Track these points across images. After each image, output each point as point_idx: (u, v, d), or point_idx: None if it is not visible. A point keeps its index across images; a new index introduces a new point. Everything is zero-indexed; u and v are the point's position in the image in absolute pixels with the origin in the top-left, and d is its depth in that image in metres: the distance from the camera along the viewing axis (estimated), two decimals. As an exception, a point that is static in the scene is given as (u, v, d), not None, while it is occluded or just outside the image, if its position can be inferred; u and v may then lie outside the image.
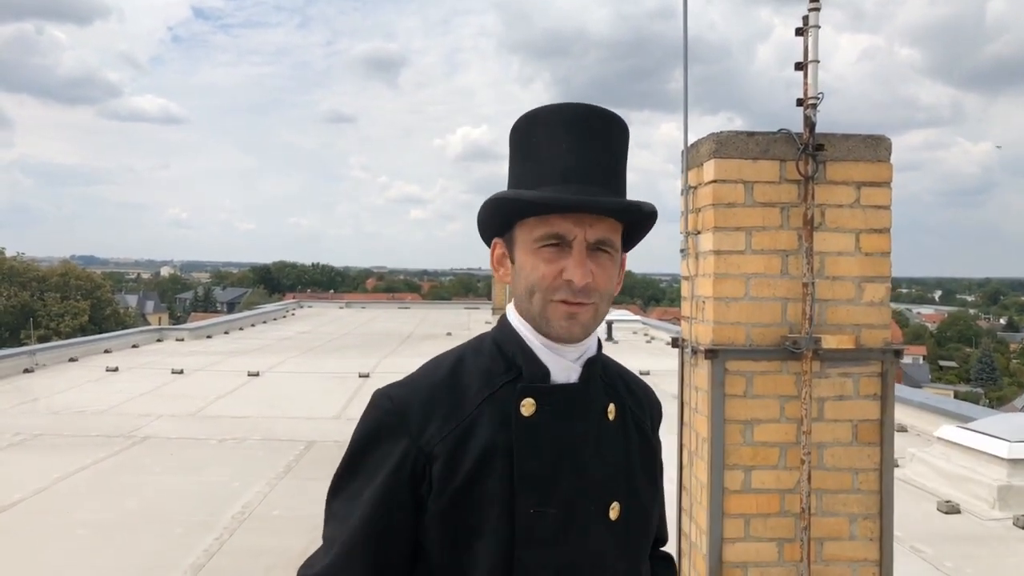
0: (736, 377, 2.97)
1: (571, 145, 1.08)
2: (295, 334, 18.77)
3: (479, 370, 1.12)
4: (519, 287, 1.11)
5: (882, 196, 3.01)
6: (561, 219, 1.06)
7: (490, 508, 1.05)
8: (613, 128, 1.11)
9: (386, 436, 1.08)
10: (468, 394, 1.09)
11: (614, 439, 1.14)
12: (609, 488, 1.12)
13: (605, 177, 1.09)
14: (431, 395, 1.09)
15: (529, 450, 1.06)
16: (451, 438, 1.06)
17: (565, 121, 1.09)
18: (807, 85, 2.97)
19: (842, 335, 2.97)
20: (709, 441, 2.97)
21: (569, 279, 1.05)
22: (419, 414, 1.07)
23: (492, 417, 1.08)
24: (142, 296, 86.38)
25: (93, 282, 51.45)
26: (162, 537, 4.96)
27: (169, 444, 7.46)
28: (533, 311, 1.09)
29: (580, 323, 1.07)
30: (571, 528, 1.07)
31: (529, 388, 1.09)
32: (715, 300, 2.97)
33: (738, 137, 2.97)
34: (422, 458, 1.06)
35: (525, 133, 1.12)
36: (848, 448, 2.99)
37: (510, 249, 1.13)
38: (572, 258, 1.06)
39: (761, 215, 2.98)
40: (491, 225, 1.15)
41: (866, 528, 2.99)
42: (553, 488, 1.07)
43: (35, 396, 9.88)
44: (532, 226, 1.07)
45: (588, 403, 1.12)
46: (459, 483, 1.05)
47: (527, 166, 1.11)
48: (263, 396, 10.06)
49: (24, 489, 5.88)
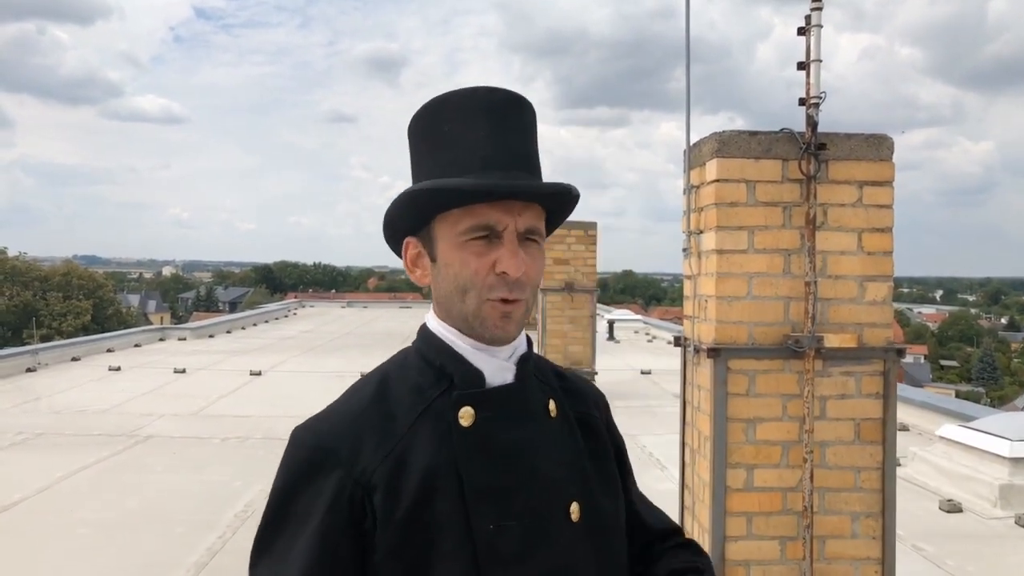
0: (739, 376, 2.97)
1: (488, 131, 1.01)
2: (297, 333, 18.79)
3: (407, 386, 1.03)
4: (445, 287, 1.02)
5: (884, 195, 3.01)
6: (489, 208, 0.98)
7: (445, 532, 0.95)
8: (525, 111, 1.05)
9: (314, 474, 0.97)
10: (399, 414, 1.00)
11: (560, 437, 1.07)
12: (566, 489, 1.03)
13: (526, 162, 1.03)
14: (358, 422, 1.00)
15: (476, 462, 0.98)
16: (388, 463, 0.96)
17: (479, 107, 1.02)
18: (809, 84, 2.98)
19: (844, 334, 2.97)
20: (712, 439, 2.98)
21: (504, 271, 0.98)
22: (348, 444, 0.97)
23: (430, 434, 0.99)
24: (144, 296, 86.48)
25: (95, 282, 51.53)
26: (164, 536, 4.97)
27: (171, 443, 7.47)
28: (466, 311, 1.01)
29: (515, 321, 1.01)
30: (537, 539, 0.99)
31: (465, 395, 1.00)
32: (718, 299, 2.98)
33: (740, 136, 2.98)
34: (359, 490, 0.95)
35: (433, 122, 1.04)
36: (850, 447, 2.99)
37: (428, 247, 1.04)
38: (504, 249, 0.99)
39: (763, 214, 2.98)
40: (402, 223, 1.05)
41: (868, 526, 2.99)
42: (510, 499, 0.98)
43: (37, 395, 9.89)
44: (456, 219, 0.99)
45: (528, 402, 1.05)
46: (405, 511, 0.95)
47: (441, 156, 1.02)
48: (265, 395, 10.08)
49: (26, 488, 5.89)
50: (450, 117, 1.03)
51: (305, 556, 0.95)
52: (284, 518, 0.98)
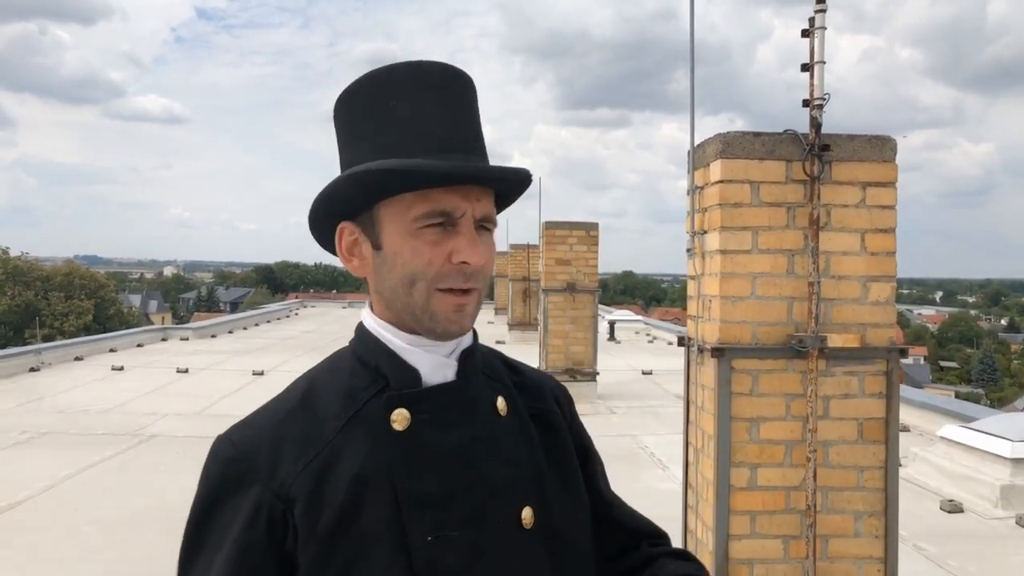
0: (742, 375, 2.99)
1: (442, 111, 0.93)
2: (299, 333, 18.82)
3: (337, 389, 0.95)
4: (391, 278, 0.94)
5: (887, 196, 3.04)
6: (446, 194, 0.90)
7: (375, 545, 0.88)
8: (470, 88, 0.97)
9: (232, 489, 0.89)
10: (325, 419, 0.92)
11: (510, 436, 0.98)
12: (516, 493, 0.95)
13: (479, 144, 0.96)
14: (280, 429, 0.92)
15: (411, 469, 0.90)
16: (308, 473, 0.89)
17: (429, 83, 0.93)
18: (813, 86, 3.00)
19: (847, 334, 3.00)
20: (715, 439, 3.00)
21: (464, 260, 0.91)
22: (266, 455, 0.90)
23: (359, 439, 0.91)
24: (145, 296, 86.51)
25: (97, 282, 51.57)
26: (170, 535, 4.95)
27: (175, 442, 7.49)
28: (413, 304, 0.92)
29: (468, 314, 0.94)
30: (481, 549, 0.91)
31: (397, 397, 0.93)
32: (721, 299, 3.00)
33: (744, 138, 3.00)
34: (279, 504, 0.88)
35: (376, 99, 0.94)
36: (853, 446, 3.01)
37: (370, 234, 0.95)
38: (463, 237, 0.91)
39: (767, 215, 3.00)
40: (340, 206, 0.96)
41: (871, 525, 3.02)
42: (451, 507, 0.91)
43: (41, 395, 9.92)
44: (408, 204, 0.91)
45: (472, 401, 0.97)
46: (328, 524, 0.87)
47: (387, 135, 0.93)
48: (268, 395, 10.00)
49: (31, 487, 5.92)
50: (396, 93, 0.93)
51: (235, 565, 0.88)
52: (203, 534, 0.90)
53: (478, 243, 0.92)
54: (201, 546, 0.90)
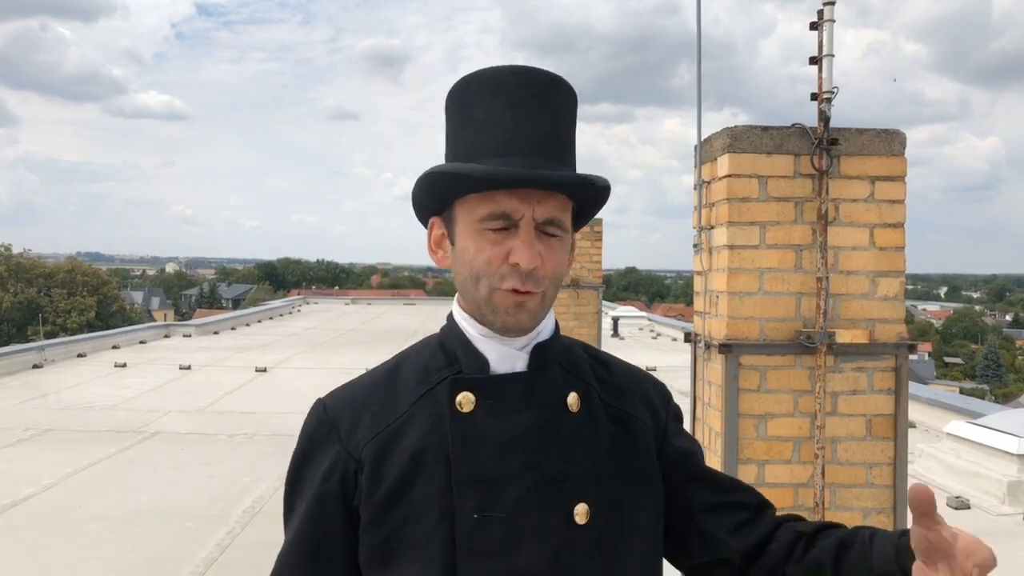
0: (750, 372, 2.97)
1: (514, 112, 0.95)
2: (302, 330, 18.81)
3: (417, 368, 1.02)
4: (461, 273, 0.99)
5: (896, 190, 3.01)
6: (506, 196, 0.93)
7: (424, 517, 0.94)
8: (560, 93, 0.99)
9: (320, 445, 1.00)
10: (402, 393, 1.01)
11: (578, 432, 1.00)
12: (572, 487, 0.97)
13: (553, 148, 0.97)
14: (364, 398, 1.01)
15: (467, 449, 0.95)
16: (378, 441, 0.97)
17: (505, 85, 0.96)
18: (821, 79, 2.97)
19: (856, 329, 2.97)
20: (723, 436, 2.97)
21: (516, 262, 0.93)
22: (349, 417, 1.00)
23: (426, 416, 0.98)
24: (147, 292, 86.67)
25: (99, 278, 51.66)
26: (174, 531, 4.99)
27: (179, 439, 7.49)
28: (478, 299, 0.97)
29: (528, 312, 0.96)
30: (524, 535, 0.94)
31: (463, 380, 0.98)
32: (729, 295, 2.97)
33: (752, 132, 2.97)
34: (352, 464, 0.97)
35: (462, 99, 0.99)
36: (862, 443, 2.99)
37: (449, 230, 1.00)
38: (519, 239, 0.94)
39: (775, 210, 2.98)
40: (427, 203, 1.02)
41: (880, 523, 2.99)
42: (499, 490, 0.94)
43: (44, 392, 9.92)
44: (474, 204, 0.95)
45: (538, 393, 0.99)
46: (386, 490, 0.95)
47: (464, 136, 0.98)
48: (271, 392, 10.10)
49: (36, 484, 5.92)
50: (477, 94, 0.98)
51: (298, 520, 1.00)
52: (295, 483, 1.03)
53: (534, 246, 0.94)
54: (293, 492, 1.02)
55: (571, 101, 1.01)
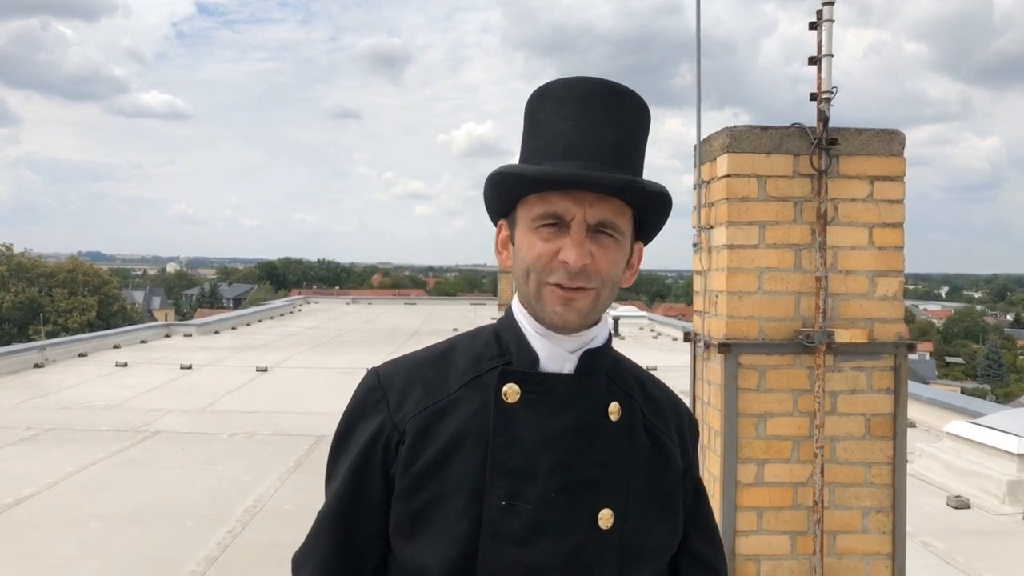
0: (749, 371, 2.98)
1: (577, 120, 1.00)
2: (302, 330, 18.82)
3: (470, 354, 1.07)
4: (517, 269, 1.03)
5: (895, 190, 3.01)
6: (560, 197, 0.97)
7: (455, 496, 0.98)
8: (626, 103, 1.02)
9: (368, 412, 1.05)
10: (453, 375, 1.05)
11: (614, 441, 1.03)
12: (601, 492, 1.00)
13: (614, 154, 1.00)
14: (416, 372, 1.06)
15: (505, 437, 0.99)
16: (423, 416, 1.02)
17: (574, 95, 1.01)
18: (821, 79, 2.98)
19: (855, 329, 2.98)
20: (722, 435, 2.98)
21: (564, 260, 0.97)
22: (399, 389, 1.04)
23: (473, 400, 1.02)
24: (148, 292, 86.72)
25: (100, 278, 51.71)
26: (175, 530, 5.00)
27: (180, 439, 7.50)
28: (529, 293, 1.01)
29: (576, 310, 0.99)
30: (548, 528, 0.98)
31: (512, 372, 1.02)
32: (728, 294, 2.98)
33: (751, 131, 2.98)
34: (396, 435, 1.02)
35: (533, 108, 1.05)
36: (861, 442, 2.99)
37: (512, 231, 1.05)
38: (570, 238, 0.98)
39: (775, 209, 2.98)
40: (496, 205, 1.07)
41: (879, 521, 3.00)
42: (529, 482, 0.98)
43: (46, 391, 9.93)
44: (531, 205, 1.00)
45: (582, 397, 1.02)
46: (423, 464, 1.00)
47: (532, 142, 1.04)
48: (272, 391, 10.10)
49: (37, 483, 5.92)
50: (547, 104, 1.03)
51: (340, 481, 1.06)
52: (341, 445, 1.08)
53: (583, 245, 0.98)
54: (338, 453, 1.08)
55: (639, 112, 1.04)
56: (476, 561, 0.97)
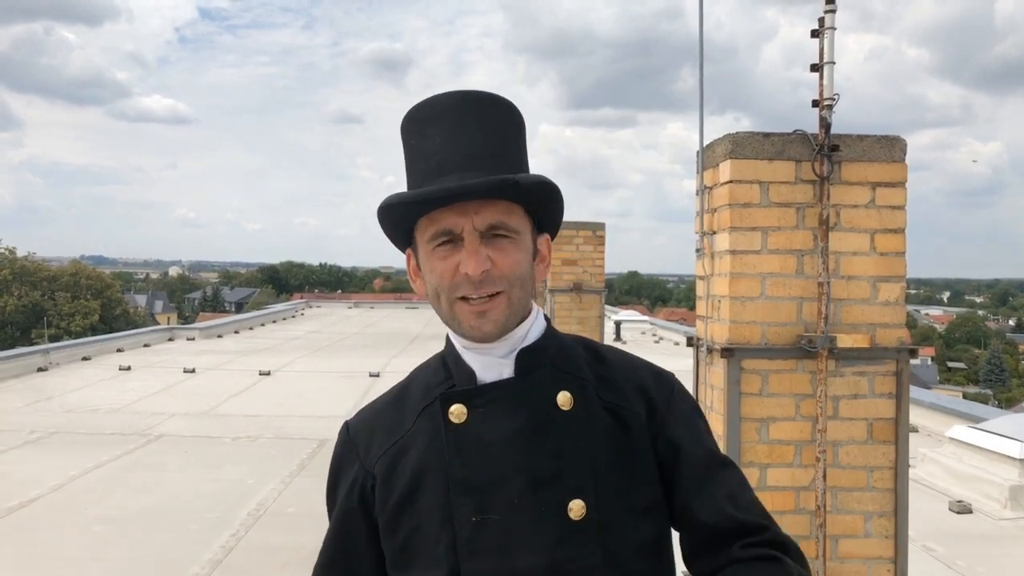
0: (752, 376, 2.99)
1: (444, 136, 1.00)
2: (305, 334, 18.85)
3: (422, 386, 1.10)
4: (429, 293, 1.05)
5: (897, 196, 3.03)
6: (444, 213, 0.98)
7: (430, 523, 1.01)
8: (488, 108, 1.03)
9: (344, 464, 1.11)
10: (407, 410, 1.09)
11: (571, 429, 1.02)
12: (566, 485, 1.00)
13: (488, 157, 1.00)
14: (377, 417, 1.12)
15: (460, 457, 1.01)
16: (387, 456, 1.07)
17: (435, 112, 1.02)
18: (823, 86, 3.00)
19: (857, 334, 2.99)
20: (724, 439, 3.00)
21: (465, 271, 0.98)
22: (365, 437, 1.10)
23: (427, 430, 1.05)
24: (151, 296, 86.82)
25: (103, 282, 51.76)
26: (179, 533, 5.02)
27: (183, 442, 7.52)
28: (444, 314, 1.04)
29: (491, 320, 1.00)
30: (520, 534, 0.98)
31: (451, 393, 1.04)
32: (731, 299, 3.00)
33: (754, 138, 3.00)
34: (369, 480, 1.07)
35: (406, 135, 1.06)
36: (863, 446, 3.01)
37: (417, 258, 1.07)
38: (465, 249, 0.98)
39: (777, 215, 3.00)
40: (395, 236, 1.08)
41: (881, 526, 3.01)
42: (493, 494, 0.99)
43: (49, 394, 9.97)
44: (424, 228, 1.02)
45: (526, 396, 1.02)
46: (395, 501, 1.04)
47: (410, 167, 1.05)
48: (275, 395, 10.13)
49: (41, 486, 5.95)
50: (413, 128, 1.04)
51: (328, 533, 1.13)
52: (328, 500, 1.14)
53: (480, 253, 0.98)
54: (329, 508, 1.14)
55: (506, 113, 1.05)
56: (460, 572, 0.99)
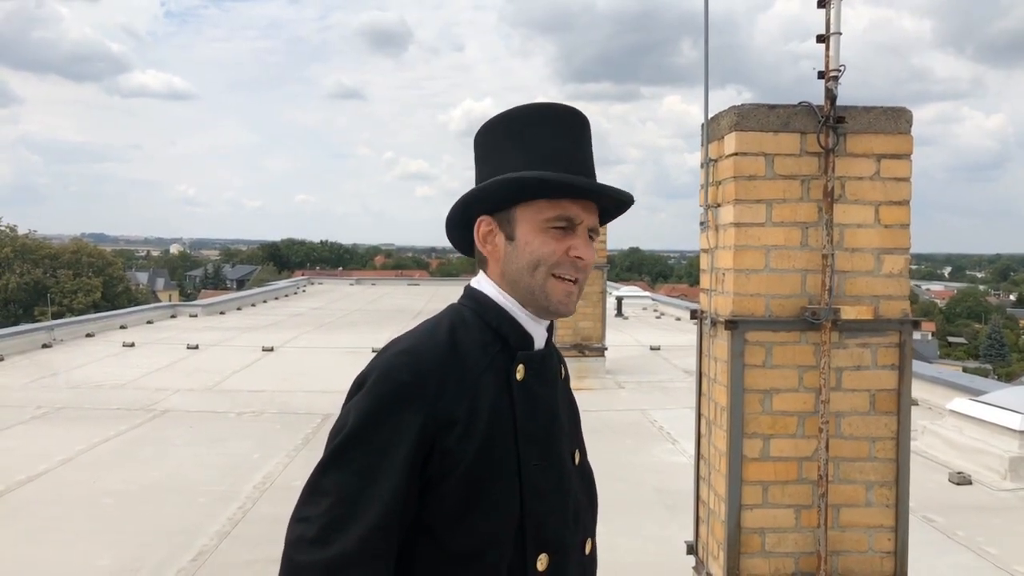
0: (755, 347, 3.01)
1: (574, 141, 1.21)
2: (307, 310, 18.89)
3: (473, 341, 1.18)
4: (518, 262, 1.19)
5: (902, 168, 3.03)
6: (572, 204, 1.18)
7: (503, 466, 1.14)
8: (589, 126, 1.26)
9: (402, 406, 1.10)
10: (471, 364, 1.16)
11: (567, 395, 1.32)
12: (571, 439, 1.28)
13: (593, 172, 1.24)
14: (444, 366, 1.14)
15: (528, 411, 1.18)
16: (465, 404, 1.12)
17: (562, 119, 1.22)
18: (828, 57, 2.98)
19: (860, 306, 3.00)
20: (728, 410, 3.02)
21: (578, 256, 1.18)
22: (435, 384, 1.12)
23: (493, 383, 1.16)
24: (152, 273, 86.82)
25: (105, 259, 51.79)
26: (187, 506, 5.07)
27: (188, 417, 7.58)
28: (534, 285, 1.18)
29: (574, 300, 1.21)
30: (561, 477, 1.21)
31: (523, 355, 1.20)
32: (735, 272, 3.01)
33: (759, 110, 2.99)
34: (434, 426, 1.10)
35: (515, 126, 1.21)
36: (865, 417, 3.03)
37: (505, 228, 1.20)
38: (579, 239, 1.19)
39: (782, 187, 3.00)
40: (487, 204, 1.21)
41: (882, 495, 3.05)
42: (546, 443, 1.19)
43: (55, 371, 10.02)
44: (541, 208, 1.17)
45: (554, 365, 1.27)
46: (477, 445, 1.12)
47: (526, 154, 1.19)
48: (278, 370, 10.18)
49: (49, 460, 6.01)
50: (532, 123, 1.21)
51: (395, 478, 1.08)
52: (368, 438, 1.10)
53: (590, 245, 1.21)
54: (364, 446, 1.10)
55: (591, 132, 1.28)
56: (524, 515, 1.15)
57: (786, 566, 3.04)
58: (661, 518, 4.95)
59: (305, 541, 1.08)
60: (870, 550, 3.05)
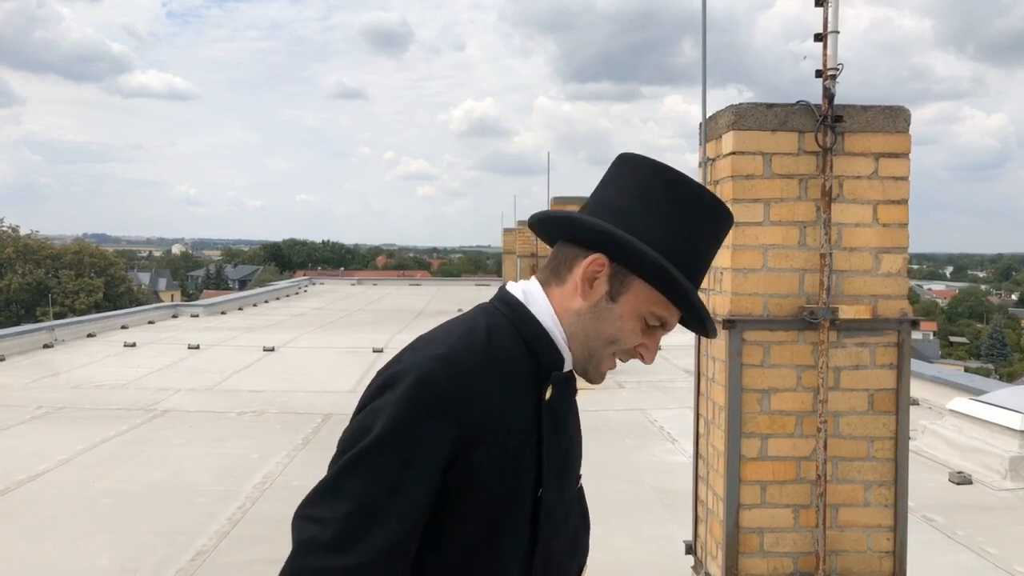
0: (753, 347, 3.01)
1: (714, 247, 1.17)
2: (308, 310, 18.89)
3: (509, 353, 1.12)
4: (601, 325, 1.13)
5: (900, 167, 3.03)
6: (674, 313, 1.15)
7: (524, 490, 1.10)
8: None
9: (434, 416, 1.04)
10: (506, 376, 1.10)
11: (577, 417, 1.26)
12: (579, 461, 1.26)
13: None
14: (480, 375, 1.08)
15: (552, 430, 1.13)
16: (498, 420, 1.07)
17: (723, 223, 1.16)
18: (826, 56, 2.98)
19: (859, 305, 3.00)
20: (726, 410, 3.02)
21: (643, 356, 1.17)
22: (472, 395, 1.06)
23: (522, 401, 1.11)
24: (154, 274, 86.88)
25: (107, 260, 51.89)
26: (186, 506, 5.08)
27: (189, 417, 7.58)
28: (596, 351, 1.15)
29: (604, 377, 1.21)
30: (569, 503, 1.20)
31: (556, 376, 1.15)
32: (733, 271, 3.01)
33: (757, 109, 2.99)
34: (467, 442, 1.05)
35: (685, 202, 1.12)
36: (864, 417, 3.03)
37: (615, 284, 1.12)
38: (654, 341, 1.17)
39: (779, 187, 3.00)
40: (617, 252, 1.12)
41: (881, 495, 3.04)
42: (564, 468, 1.17)
43: (56, 370, 10.03)
44: (655, 299, 1.12)
45: (574, 386, 1.21)
46: (502, 464, 1.07)
47: (673, 233, 1.11)
48: (279, 370, 10.18)
49: (49, 460, 6.01)
50: (697, 204, 1.13)
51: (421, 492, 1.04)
52: (397, 446, 1.03)
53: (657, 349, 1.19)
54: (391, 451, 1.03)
55: None
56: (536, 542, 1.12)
57: (784, 566, 3.04)
58: (660, 518, 4.94)
59: (318, 544, 1.01)
60: (868, 550, 3.04)
